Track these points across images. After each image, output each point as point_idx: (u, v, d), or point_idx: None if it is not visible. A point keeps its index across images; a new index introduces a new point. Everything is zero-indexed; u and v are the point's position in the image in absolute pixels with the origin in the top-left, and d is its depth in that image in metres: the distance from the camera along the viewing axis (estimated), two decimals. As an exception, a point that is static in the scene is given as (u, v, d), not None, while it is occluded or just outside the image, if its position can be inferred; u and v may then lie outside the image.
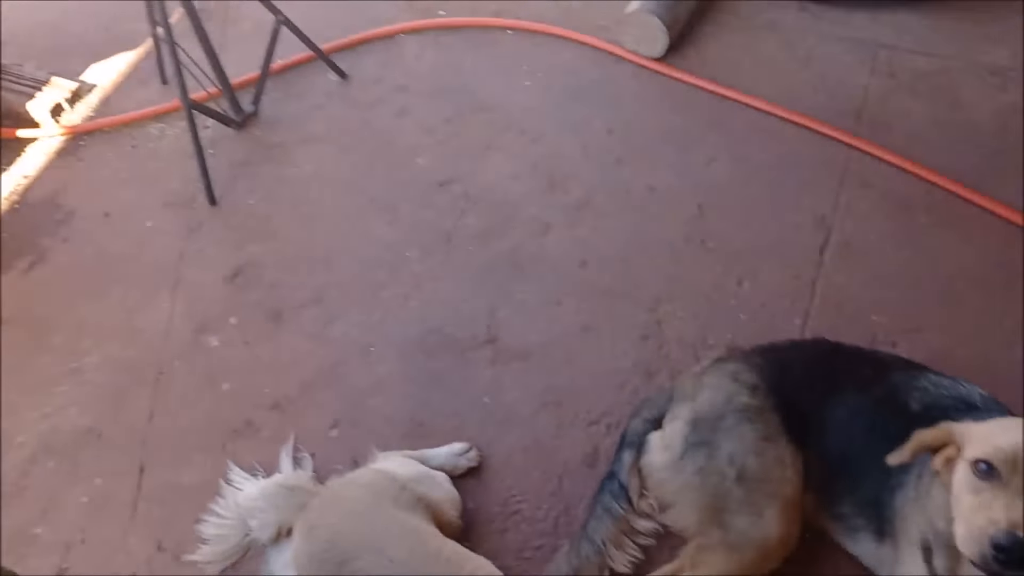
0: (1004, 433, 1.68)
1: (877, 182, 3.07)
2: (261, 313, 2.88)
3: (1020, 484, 1.60)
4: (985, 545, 1.58)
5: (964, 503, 1.69)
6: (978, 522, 1.62)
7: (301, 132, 3.49)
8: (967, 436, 1.75)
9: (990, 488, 1.63)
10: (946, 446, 1.79)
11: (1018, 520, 1.56)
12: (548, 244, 3.00)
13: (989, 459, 1.64)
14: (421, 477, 2.22)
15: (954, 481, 1.73)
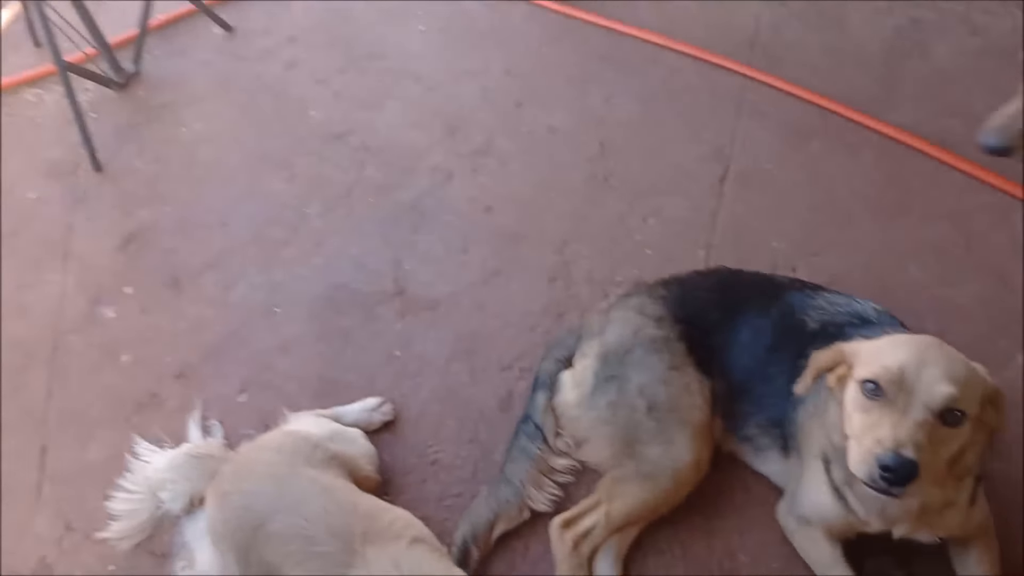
0: (890, 352, 1.73)
1: (772, 111, 3.12)
2: (158, 280, 2.77)
3: (906, 403, 1.66)
4: (873, 466, 1.63)
5: (855, 422, 1.74)
6: (866, 443, 1.67)
7: (187, 90, 3.34)
8: (857, 355, 1.80)
9: (877, 407, 1.69)
10: (839, 365, 1.84)
11: (904, 439, 1.61)
12: (451, 192, 2.96)
13: (876, 379, 1.69)
14: (334, 435, 2.18)
15: (845, 400, 1.79)
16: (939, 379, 1.64)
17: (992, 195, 2.80)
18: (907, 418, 1.64)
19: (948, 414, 1.65)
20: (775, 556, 2.14)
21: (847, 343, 1.87)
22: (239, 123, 3.22)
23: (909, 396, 1.66)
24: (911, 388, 1.66)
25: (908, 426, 1.63)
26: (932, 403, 1.64)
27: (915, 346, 1.72)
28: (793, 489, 2.10)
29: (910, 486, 1.62)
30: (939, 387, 1.64)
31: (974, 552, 2.01)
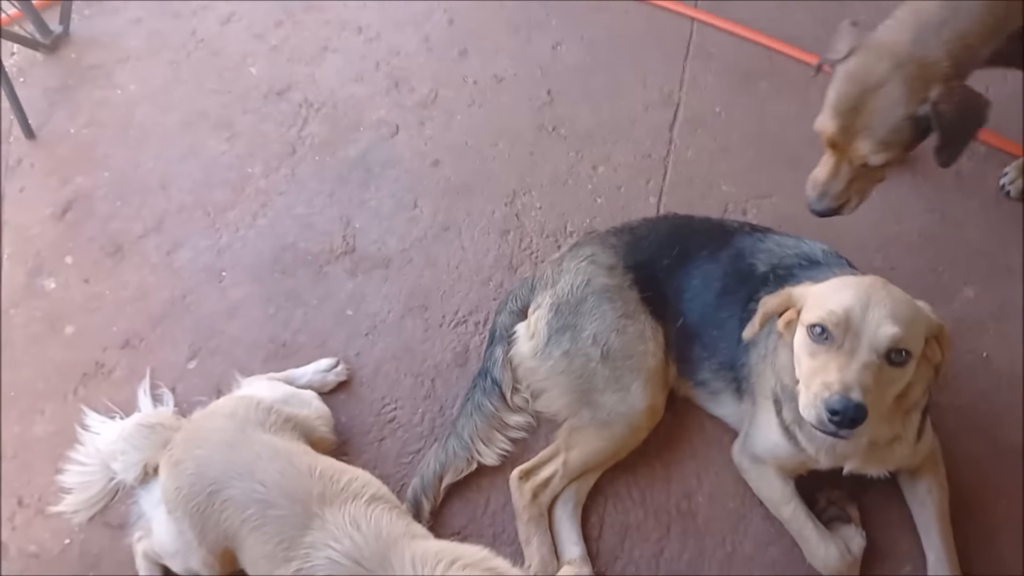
0: (836, 295, 1.74)
1: (719, 53, 3.09)
2: (98, 248, 2.69)
3: (852, 345, 1.67)
4: (821, 410, 1.65)
5: (803, 366, 1.76)
6: (814, 388, 1.69)
7: (119, 50, 3.21)
8: (804, 299, 1.81)
9: (824, 351, 1.70)
10: (788, 309, 1.85)
11: (851, 382, 1.63)
12: (398, 146, 2.91)
13: (822, 323, 1.70)
14: (288, 398, 2.15)
15: (795, 344, 1.80)
16: (884, 320, 1.66)
17: (936, 131, 2.82)
18: (854, 361, 1.66)
19: (894, 354, 1.67)
20: (731, 496, 2.18)
21: (795, 287, 1.88)
22: (175, 82, 3.11)
23: (855, 339, 1.67)
24: (857, 330, 1.67)
25: (855, 369, 1.65)
26: (878, 344, 1.66)
27: (860, 288, 1.73)
28: (746, 430, 2.13)
29: (859, 428, 1.64)
30: (884, 328, 1.65)
31: (923, 483, 2.07)
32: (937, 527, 2.03)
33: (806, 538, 2.02)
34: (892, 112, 1.93)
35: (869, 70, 1.95)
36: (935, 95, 1.89)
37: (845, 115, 1.99)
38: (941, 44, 1.91)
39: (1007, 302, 2.46)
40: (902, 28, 1.95)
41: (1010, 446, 2.22)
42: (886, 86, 1.92)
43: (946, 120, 1.89)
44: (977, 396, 2.29)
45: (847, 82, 1.98)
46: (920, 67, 1.91)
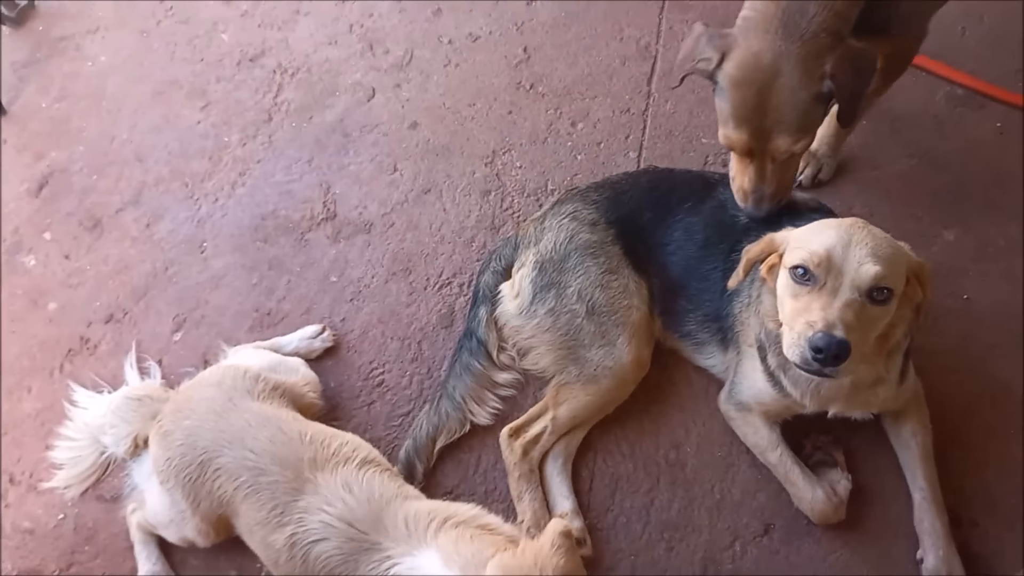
0: (817, 236, 1.75)
1: (696, 3, 3.06)
2: (77, 223, 2.66)
3: (834, 284, 1.68)
4: (805, 348, 1.66)
5: (787, 308, 1.77)
6: (797, 328, 1.69)
7: (88, 20, 3.16)
8: (786, 243, 1.81)
9: (807, 292, 1.71)
10: (770, 254, 1.85)
11: (833, 320, 1.64)
12: (375, 109, 2.88)
13: (804, 263, 1.70)
14: (275, 365, 2.16)
15: (778, 286, 1.81)
16: (865, 259, 1.67)
17: (912, 73, 2.80)
18: (836, 299, 1.67)
19: (876, 292, 1.68)
20: (718, 444, 2.20)
21: (776, 232, 1.88)
22: (146, 52, 3.06)
23: (837, 278, 1.68)
24: (839, 270, 1.68)
25: (837, 307, 1.66)
26: (860, 283, 1.67)
27: (841, 229, 1.74)
28: (732, 378, 2.15)
29: (842, 366, 1.65)
30: (865, 267, 1.66)
31: (907, 425, 2.10)
32: (922, 468, 2.06)
33: (793, 482, 2.05)
34: (798, 99, 1.89)
35: (757, 67, 1.89)
36: (830, 67, 1.85)
37: (752, 119, 1.94)
38: (813, 19, 1.85)
39: (986, 244, 2.48)
40: (768, 17, 1.88)
41: (992, 385, 2.25)
42: (782, 76, 1.87)
43: (846, 87, 1.88)
44: (959, 338, 2.31)
45: (739, 87, 1.92)
46: (805, 46, 1.86)
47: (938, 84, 2.80)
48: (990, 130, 2.70)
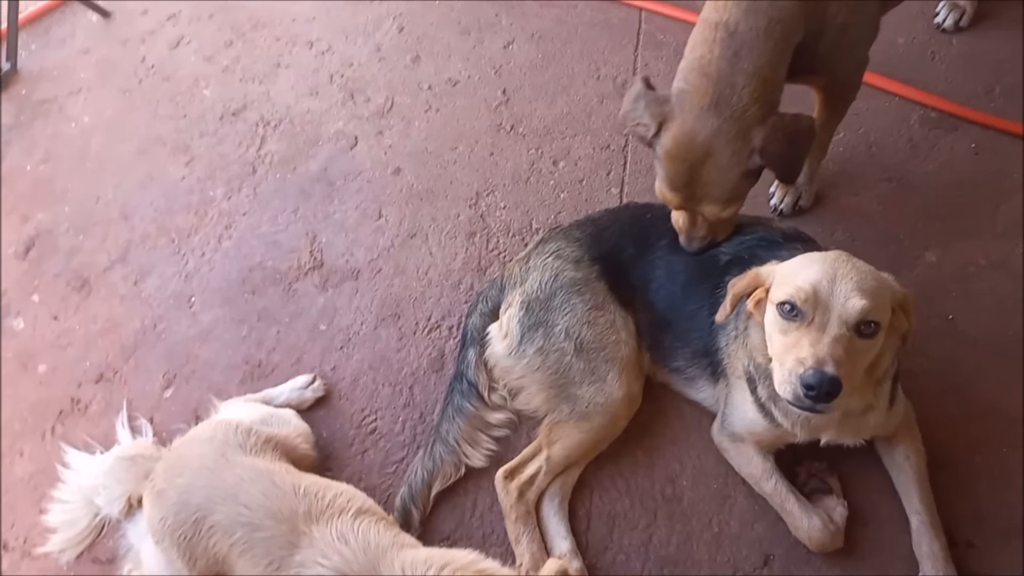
0: (803, 271, 1.76)
1: (669, 39, 3.12)
2: (64, 284, 2.68)
3: (822, 320, 1.69)
4: (796, 386, 1.66)
5: (775, 344, 1.77)
6: (788, 364, 1.70)
7: (71, 82, 3.20)
8: (772, 277, 1.83)
9: (796, 328, 1.72)
10: (756, 289, 1.87)
11: (823, 356, 1.65)
12: (358, 157, 2.91)
13: (792, 300, 1.71)
14: (266, 418, 2.15)
15: (766, 322, 1.82)
16: (851, 293, 1.68)
17: (886, 98, 2.86)
18: (825, 335, 1.68)
19: (863, 326, 1.69)
20: (714, 476, 2.20)
21: (761, 267, 1.90)
22: (129, 110, 3.10)
23: (825, 313, 1.69)
24: (826, 305, 1.69)
25: (826, 343, 1.67)
26: (847, 317, 1.68)
27: (825, 263, 1.75)
28: (723, 410, 2.15)
29: (834, 401, 1.65)
30: (852, 301, 1.67)
31: (900, 448, 2.10)
32: (917, 490, 2.06)
33: (789, 511, 2.05)
34: (727, 176, 1.93)
35: (689, 145, 1.93)
36: (759, 142, 1.87)
37: (683, 189, 1.99)
38: (743, 92, 1.87)
39: (968, 263, 2.50)
40: (701, 92, 1.91)
41: (981, 404, 2.26)
42: (712, 156, 1.91)
43: (777, 157, 1.90)
44: (945, 358, 2.33)
45: (673, 162, 1.96)
46: (736, 123, 1.89)
47: (912, 108, 2.85)
48: (965, 151, 2.74)
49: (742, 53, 1.87)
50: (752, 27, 1.86)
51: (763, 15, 1.86)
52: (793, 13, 1.88)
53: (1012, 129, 2.75)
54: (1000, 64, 2.92)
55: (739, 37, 1.87)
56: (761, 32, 1.86)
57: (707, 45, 1.91)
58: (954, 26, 2.99)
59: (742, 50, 1.87)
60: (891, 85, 2.86)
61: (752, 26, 1.86)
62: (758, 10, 1.86)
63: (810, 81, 2.17)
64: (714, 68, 1.89)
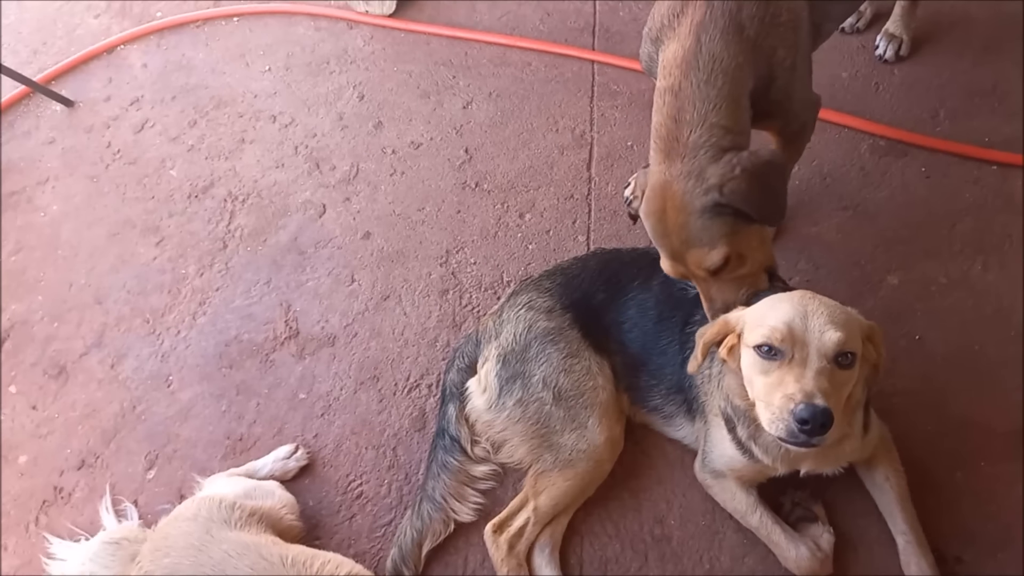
0: (773, 312, 1.79)
1: (622, 88, 3.20)
2: (41, 373, 2.67)
3: (802, 355, 1.72)
4: (790, 422, 1.67)
5: (758, 386, 1.79)
6: (776, 402, 1.71)
7: (38, 172, 3.23)
8: (742, 323, 1.86)
9: (777, 367, 1.74)
10: (727, 336, 1.89)
11: (811, 389, 1.67)
12: (327, 224, 2.95)
13: (768, 341, 1.74)
14: (250, 491, 2.15)
15: (743, 367, 1.84)
16: (826, 326, 1.71)
17: (836, 130, 2.94)
18: (808, 369, 1.70)
19: (841, 357, 1.72)
20: (701, 514, 2.21)
21: (728, 314, 1.93)
22: (97, 196, 3.12)
23: (803, 349, 1.72)
24: (803, 341, 1.72)
25: (811, 376, 1.69)
26: (825, 350, 1.71)
27: (793, 301, 1.78)
28: (703, 447, 2.17)
29: (828, 433, 1.67)
30: (828, 334, 1.70)
31: (879, 471, 2.13)
32: (900, 510, 2.08)
33: (776, 543, 2.06)
34: (686, 217, 1.93)
35: (651, 198, 1.99)
36: (714, 180, 1.90)
37: (664, 245, 2.02)
38: (688, 139, 1.92)
39: (929, 283, 2.56)
40: (656, 150, 1.99)
41: (956, 419, 2.30)
42: (669, 200, 1.94)
43: (742, 194, 1.89)
44: (917, 377, 2.37)
45: (646, 218, 2.02)
46: (683, 166, 1.93)
47: (861, 137, 2.94)
48: (916, 175, 2.83)
49: (685, 107, 1.94)
50: (692, 82, 1.93)
51: (703, 70, 1.93)
52: (736, 64, 1.95)
53: (959, 151, 2.84)
54: (942, 89, 3.03)
55: (682, 95, 1.94)
56: (702, 84, 1.93)
57: (659, 111, 2.00)
58: (894, 56, 3.10)
59: (685, 104, 1.94)
60: (839, 117, 2.95)
61: (692, 81, 1.93)
62: (698, 66, 1.94)
63: (766, 126, 2.24)
64: (664, 129, 1.97)
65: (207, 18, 3.67)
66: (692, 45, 1.95)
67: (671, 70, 1.98)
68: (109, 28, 3.70)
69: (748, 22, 1.97)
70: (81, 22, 3.76)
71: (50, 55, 3.63)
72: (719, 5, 1.96)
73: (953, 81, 3.06)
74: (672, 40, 2.01)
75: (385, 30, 3.54)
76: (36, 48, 3.66)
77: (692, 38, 1.95)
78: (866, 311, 2.26)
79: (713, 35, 1.94)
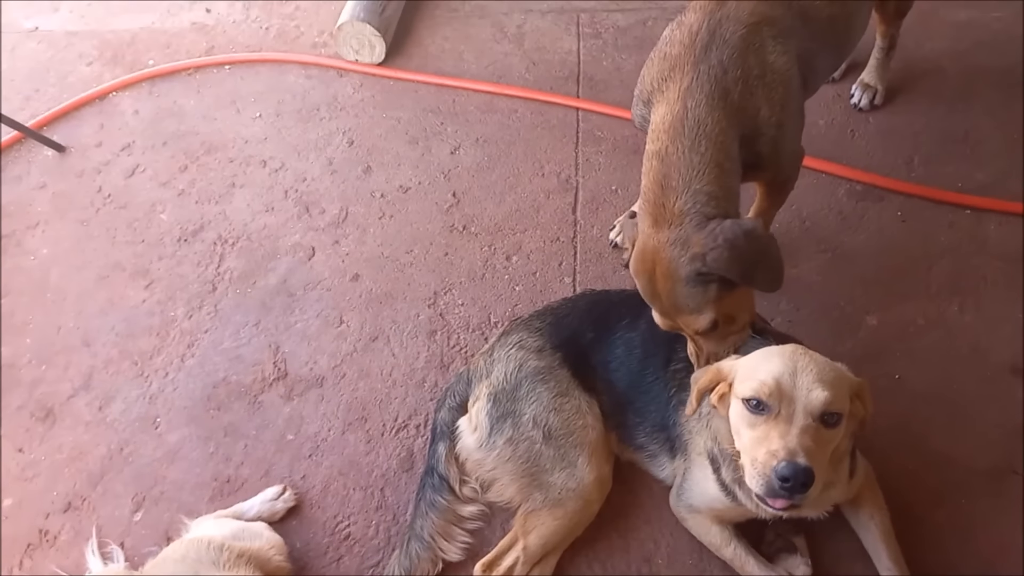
0: (764, 365, 1.81)
1: (606, 134, 3.29)
2: (28, 415, 2.66)
3: (788, 412, 1.74)
4: (771, 479, 1.70)
5: (744, 438, 1.82)
6: (760, 457, 1.74)
7: (27, 217, 3.25)
8: (734, 372, 1.89)
9: (763, 421, 1.77)
10: (719, 383, 1.92)
11: (795, 448, 1.70)
12: (316, 267, 2.98)
13: (757, 395, 1.77)
14: (238, 533, 2.15)
15: (731, 416, 1.88)
16: (813, 385, 1.74)
17: (814, 176, 3.02)
18: (793, 427, 1.73)
19: (827, 416, 1.75)
20: (688, 552, 2.23)
21: (722, 362, 1.96)
22: (87, 239, 3.14)
23: (790, 405, 1.74)
24: (790, 397, 1.74)
25: (795, 434, 1.72)
26: (811, 408, 1.73)
27: (784, 357, 1.81)
28: (679, 483, 2.21)
29: (808, 491, 1.69)
30: (815, 393, 1.73)
31: (864, 510, 2.16)
32: (885, 549, 2.10)
33: (749, 574, 2.09)
34: (674, 284, 1.98)
35: (640, 259, 2.05)
36: (698, 249, 1.93)
37: (655, 303, 2.08)
38: (674, 206, 1.97)
39: (907, 324, 2.62)
40: (644, 211, 2.06)
41: (936, 455, 2.34)
42: (658, 266, 2.00)
43: (724, 264, 1.90)
44: (898, 415, 2.41)
45: (636, 277, 2.08)
46: (670, 232, 1.98)
47: (838, 183, 3.02)
48: (892, 219, 2.90)
49: (671, 173, 2.00)
50: (678, 148, 2.00)
51: (687, 136, 2.00)
52: (720, 128, 2.01)
53: (933, 196, 2.93)
54: (916, 136, 3.13)
55: (668, 160, 2.01)
56: (687, 151, 1.99)
57: (647, 174, 2.06)
58: (869, 105, 3.21)
59: (671, 171, 2.00)
60: (817, 164, 3.04)
61: (679, 147, 2.00)
62: (684, 132, 2.00)
63: (755, 177, 2.31)
64: (651, 194, 2.03)
65: (199, 66, 3.74)
66: (679, 111, 2.02)
67: (659, 135, 2.05)
68: (101, 75, 3.76)
69: (733, 86, 2.04)
70: (73, 69, 3.82)
71: (42, 102, 3.68)
72: (705, 70, 2.04)
73: (926, 129, 3.16)
74: (661, 103, 2.09)
75: (374, 78, 3.62)
76: (28, 95, 3.71)
77: (680, 103, 2.03)
78: (846, 351, 2.34)
79: (699, 100, 2.02)
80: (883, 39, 3.09)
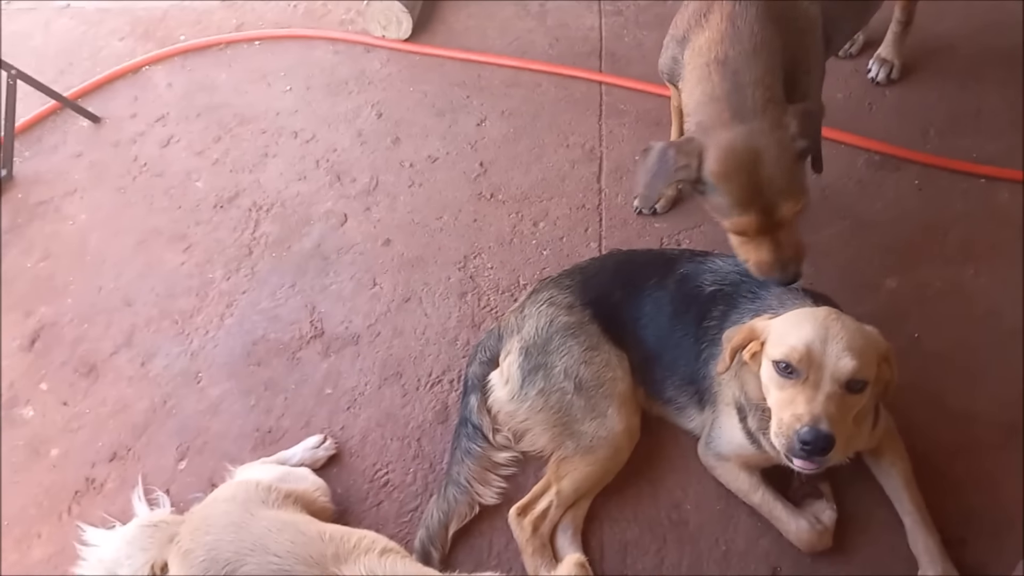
0: (796, 330, 1.89)
1: (629, 108, 3.37)
2: (72, 371, 2.74)
3: (816, 378, 1.83)
4: (793, 440, 1.80)
5: (773, 397, 1.91)
6: (785, 419, 1.83)
7: (65, 184, 3.33)
8: (767, 332, 1.97)
9: (792, 384, 1.86)
10: (751, 342, 2.00)
11: (819, 414, 1.79)
12: (349, 232, 3.07)
13: (787, 359, 1.85)
14: (284, 475, 2.23)
15: (762, 375, 1.96)
16: (843, 353, 1.82)
17: (833, 146, 3.10)
18: (819, 393, 1.81)
19: (853, 383, 1.83)
20: (716, 499, 2.31)
21: (755, 321, 2.04)
22: (124, 206, 3.23)
23: (819, 371, 1.82)
24: (819, 363, 1.82)
25: (820, 400, 1.80)
26: (839, 376, 1.82)
27: (817, 322, 1.88)
28: (708, 432, 2.30)
29: (828, 455, 1.80)
30: (843, 361, 1.81)
31: (886, 458, 2.24)
32: (907, 494, 2.19)
33: (777, 518, 2.17)
34: (783, 165, 2.08)
35: (736, 154, 2.09)
36: (795, 128, 2.08)
37: (757, 198, 2.12)
38: (754, 96, 2.10)
39: (925, 287, 2.71)
40: (719, 113, 2.12)
41: (955, 412, 2.42)
42: (761, 153, 2.07)
43: (812, 141, 2.14)
44: (917, 373, 2.47)
45: (730, 179, 2.11)
46: (763, 118, 2.09)
47: (857, 153, 3.11)
48: (909, 187, 2.99)
49: (740, 70, 2.12)
50: (740, 51, 2.13)
51: (747, 40, 2.13)
52: (771, 36, 2.15)
53: (949, 165, 3.02)
54: (930, 109, 3.22)
55: (732, 62, 2.13)
56: (749, 53, 2.13)
57: (707, 80, 2.16)
58: (886, 79, 3.29)
59: (740, 68, 2.12)
60: (836, 134, 3.12)
61: (740, 50, 2.13)
62: (741, 38, 2.14)
63: None
64: (721, 91, 2.13)
65: (229, 41, 3.83)
66: (728, 27, 2.15)
67: (712, 46, 2.16)
68: (133, 50, 3.85)
69: (777, 12, 2.19)
70: (106, 44, 3.91)
71: (75, 75, 3.76)
72: (744, 3, 2.17)
73: (940, 103, 3.25)
74: (703, 30, 2.20)
75: (401, 53, 3.71)
76: (62, 68, 3.79)
77: (727, 22, 2.16)
78: (866, 312, 2.41)
79: (747, 18, 2.15)
80: (902, 12, 3.17)
